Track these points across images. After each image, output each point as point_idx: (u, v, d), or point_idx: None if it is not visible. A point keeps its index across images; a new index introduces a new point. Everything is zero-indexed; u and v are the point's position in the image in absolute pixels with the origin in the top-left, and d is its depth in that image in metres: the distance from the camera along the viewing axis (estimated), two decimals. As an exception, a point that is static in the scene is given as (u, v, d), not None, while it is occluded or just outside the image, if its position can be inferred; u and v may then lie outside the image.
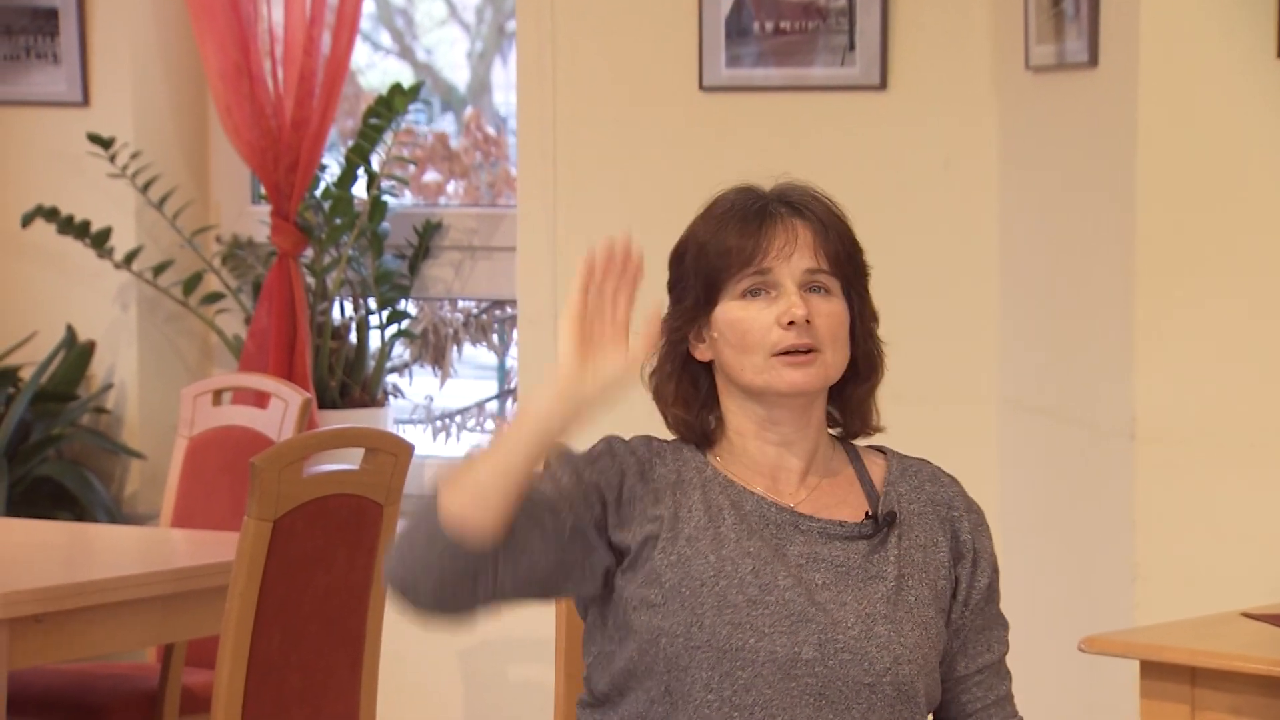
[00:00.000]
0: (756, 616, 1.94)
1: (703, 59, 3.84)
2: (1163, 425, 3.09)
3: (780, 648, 1.93)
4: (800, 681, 1.93)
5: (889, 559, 1.99)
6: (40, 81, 4.51)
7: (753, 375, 1.98)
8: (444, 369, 4.51)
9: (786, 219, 1.98)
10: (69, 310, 4.51)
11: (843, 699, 1.93)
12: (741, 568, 1.96)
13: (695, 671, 1.93)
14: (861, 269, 2.02)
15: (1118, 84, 3.15)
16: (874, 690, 1.94)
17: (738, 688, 1.93)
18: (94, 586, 3.09)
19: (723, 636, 1.93)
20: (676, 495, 1.99)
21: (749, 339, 1.97)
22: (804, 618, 1.94)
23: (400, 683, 4.13)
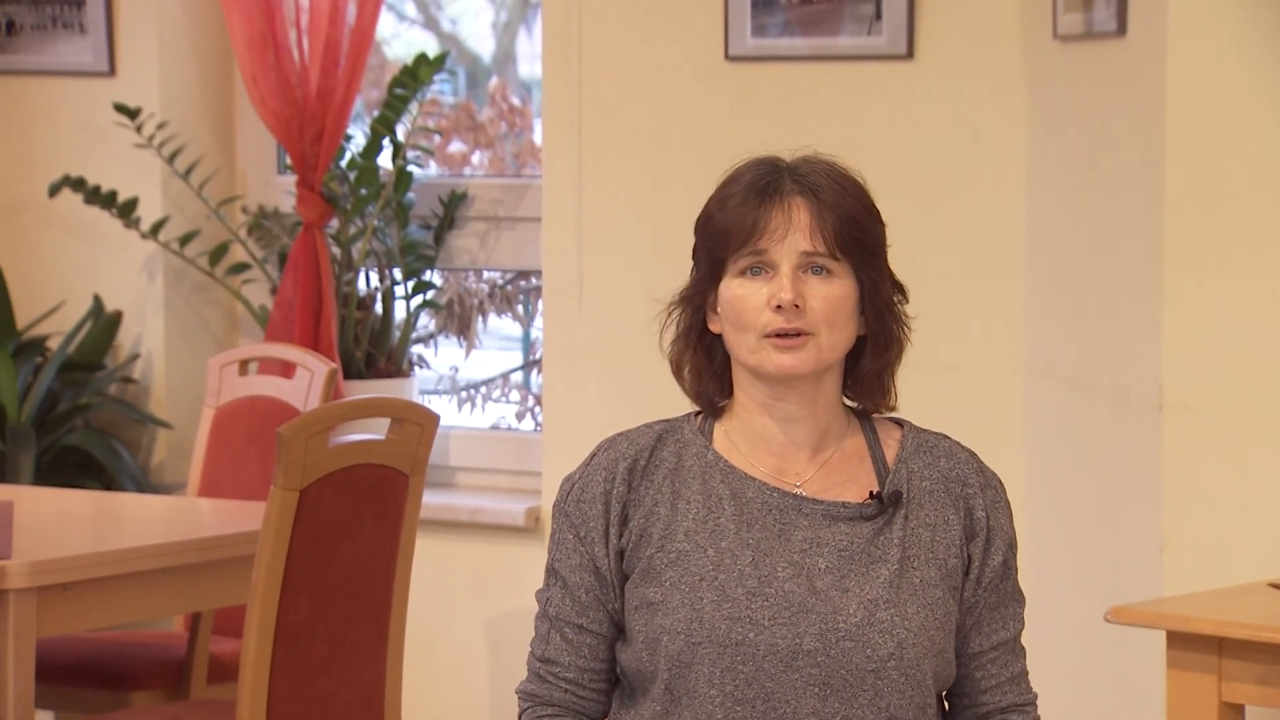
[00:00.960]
0: (756, 609, 1.94)
1: (728, 28, 3.83)
2: (1190, 394, 3.08)
3: (781, 640, 1.93)
4: (803, 672, 1.93)
5: (894, 540, 1.97)
6: (67, 51, 4.51)
7: (746, 354, 1.98)
8: (469, 339, 4.51)
9: (788, 198, 1.97)
10: (96, 280, 4.52)
11: (848, 686, 1.93)
12: (740, 560, 1.95)
13: (698, 668, 1.94)
14: (871, 247, 1.99)
15: (1146, 52, 3.13)
16: (879, 676, 1.93)
17: (740, 681, 1.93)
18: (121, 555, 3.10)
19: (722, 631, 1.93)
20: (675, 484, 2.00)
21: (744, 318, 1.97)
22: (804, 608, 1.94)
23: (426, 652, 4.14)
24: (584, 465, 2.03)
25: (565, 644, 2.01)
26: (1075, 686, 3.43)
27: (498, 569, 4.18)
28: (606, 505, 2.00)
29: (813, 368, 1.97)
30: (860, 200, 2.00)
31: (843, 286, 1.97)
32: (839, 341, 1.98)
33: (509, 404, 4.54)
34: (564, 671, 2.02)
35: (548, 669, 2.03)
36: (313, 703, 3.08)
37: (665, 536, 1.97)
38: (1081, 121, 3.41)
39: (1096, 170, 3.35)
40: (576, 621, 2.00)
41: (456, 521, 4.19)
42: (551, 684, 2.02)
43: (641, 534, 1.99)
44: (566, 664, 2.01)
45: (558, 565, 2.02)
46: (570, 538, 2.01)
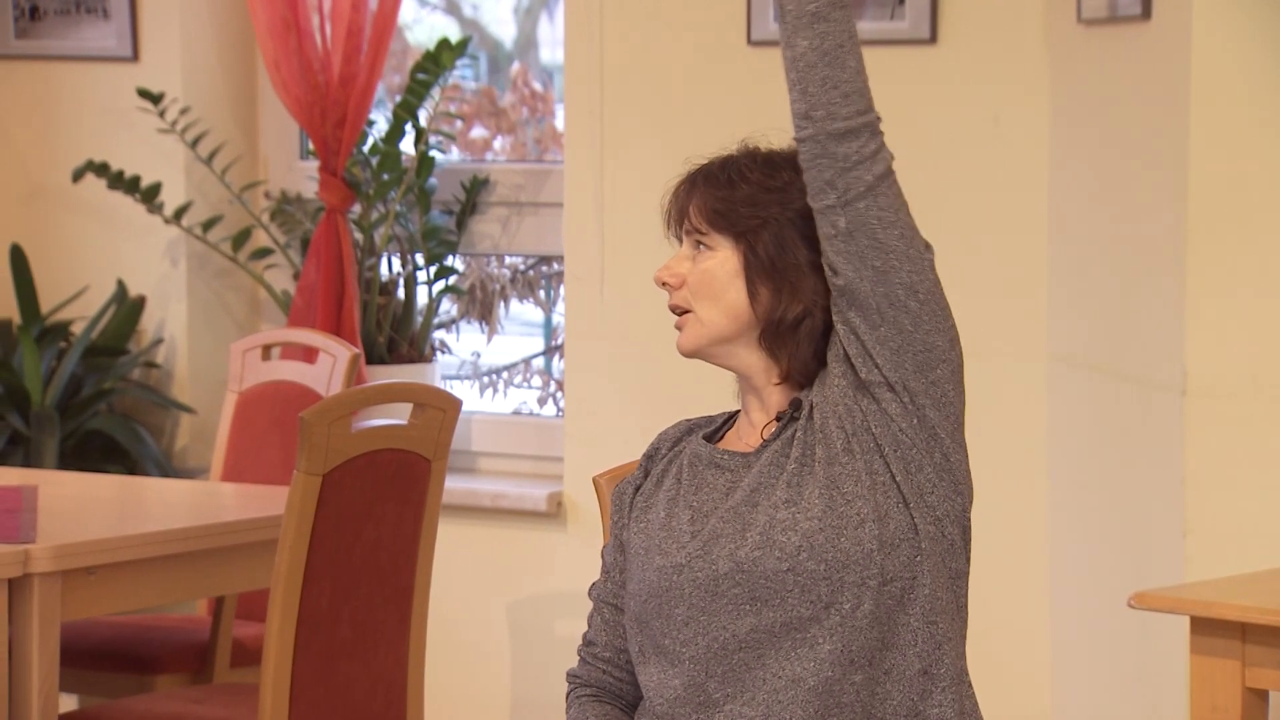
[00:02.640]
0: (680, 554, 1.99)
1: (751, 13, 3.82)
2: (1214, 380, 3.07)
3: (700, 572, 1.97)
4: (728, 595, 1.96)
5: (794, 447, 1.98)
6: (90, 36, 4.52)
7: None
8: (491, 325, 4.51)
9: (684, 183, 2.06)
10: (119, 265, 4.53)
11: (773, 593, 1.94)
12: (681, 519, 2.01)
13: (653, 622, 1.99)
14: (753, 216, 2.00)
15: (1170, 36, 3.12)
16: (796, 572, 1.93)
17: (679, 623, 1.97)
18: (145, 539, 3.11)
19: (653, 581, 1.99)
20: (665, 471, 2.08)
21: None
22: (715, 536, 1.98)
23: (448, 637, 4.15)
24: None
25: (604, 624, 2.08)
26: (1099, 672, 3.42)
27: (519, 554, 4.19)
28: (637, 490, 2.09)
29: (695, 343, 2.02)
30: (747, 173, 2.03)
31: (719, 259, 2.02)
32: (719, 315, 2.01)
33: (531, 389, 4.54)
34: (601, 651, 2.08)
35: (588, 650, 2.10)
36: (335, 687, 3.09)
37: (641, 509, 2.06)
38: (1105, 105, 3.39)
39: (1120, 155, 3.34)
40: (612, 602, 2.08)
41: (478, 507, 4.20)
42: (591, 665, 2.09)
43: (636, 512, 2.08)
44: (604, 644, 2.08)
45: (604, 549, 2.11)
46: (611, 522, 2.10)
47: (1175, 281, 3.10)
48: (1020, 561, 3.61)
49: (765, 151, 2.05)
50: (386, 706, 3.18)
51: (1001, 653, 3.59)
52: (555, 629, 4.18)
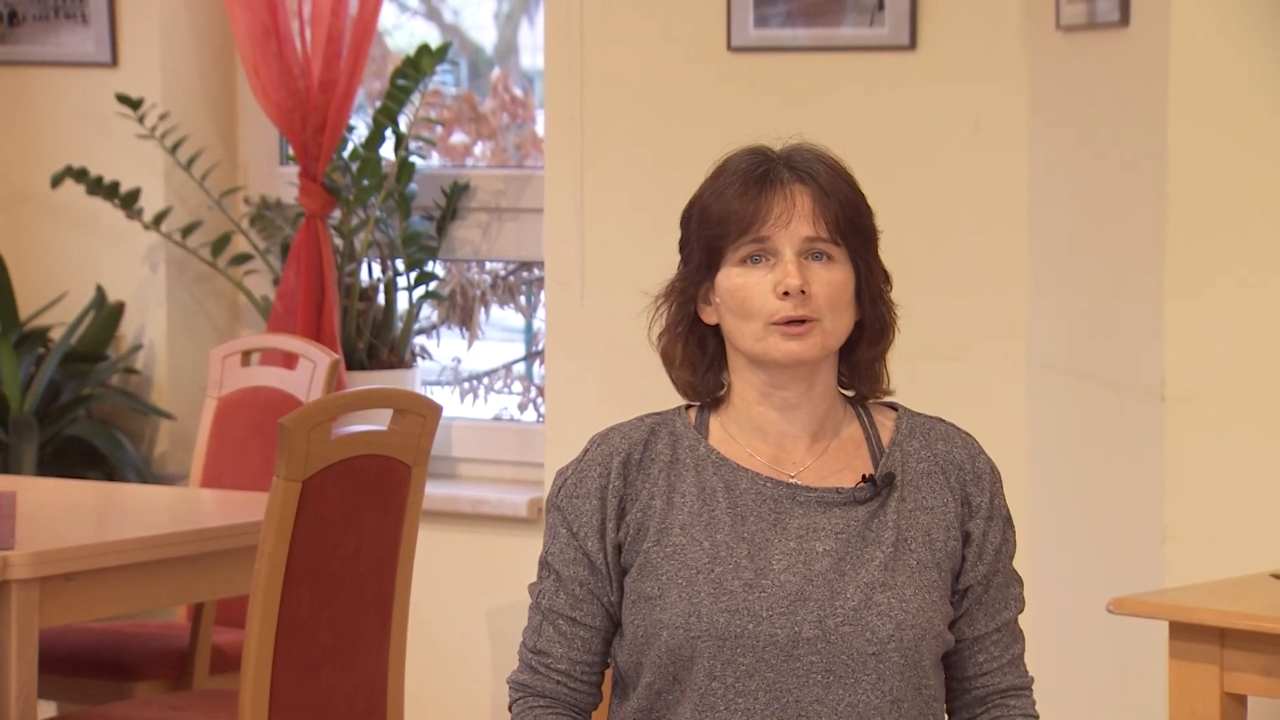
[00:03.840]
0: (753, 601, 1.93)
1: (731, 19, 3.83)
2: (1193, 386, 3.08)
3: (780, 630, 1.93)
4: (804, 660, 1.93)
5: (888, 523, 1.97)
6: (69, 42, 4.51)
7: (751, 343, 1.97)
8: (471, 330, 4.51)
9: (787, 184, 1.97)
10: (98, 271, 4.52)
11: (849, 671, 1.93)
12: (736, 553, 1.95)
13: (698, 661, 1.93)
14: (867, 233, 2.00)
15: (1149, 43, 3.13)
16: (880, 659, 1.93)
17: (740, 674, 1.93)
18: (124, 546, 3.10)
19: (721, 624, 1.93)
20: (670, 478, 1.99)
21: (748, 306, 1.96)
22: (801, 597, 1.94)
23: (429, 642, 4.14)
24: (577, 460, 2.03)
25: (558, 635, 2.01)
26: (1078, 677, 3.43)
27: (500, 560, 4.19)
28: (602, 500, 2.00)
29: (818, 354, 1.97)
30: (854, 186, 2.01)
31: (843, 272, 1.98)
32: (840, 327, 1.98)
33: (511, 395, 4.54)
34: (556, 663, 2.02)
35: (540, 660, 2.03)
36: (315, 693, 3.09)
37: (661, 530, 1.97)
38: (1084, 112, 3.40)
39: (1099, 161, 3.35)
40: (570, 615, 2.01)
41: (459, 513, 4.19)
42: (544, 675, 2.03)
43: (639, 527, 1.99)
44: (559, 655, 2.02)
45: (551, 559, 2.02)
46: (564, 532, 2.01)
47: (1154, 287, 3.11)
48: (1000, 567, 3.62)
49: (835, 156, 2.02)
50: (367, 713, 3.17)
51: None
52: (536, 635, 4.17)
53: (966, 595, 2.01)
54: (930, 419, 2.06)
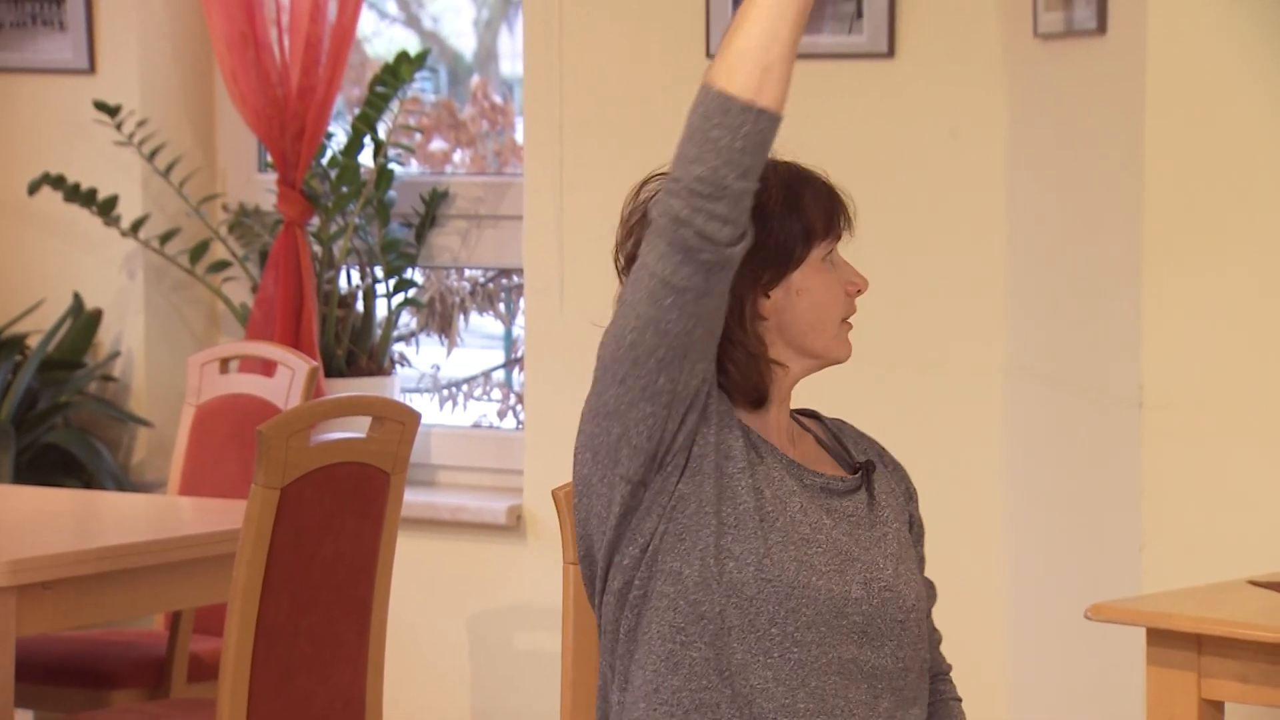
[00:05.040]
0: (813, 555, 1.96)
1: (710, 26, 3.83)
2: (1170, 393, 3.09)
3: (835, 586, 1.96)
4: (850, 619, 1.96)
5: (883, 505, 2.04)
6: (47, 49, 4.50)
7: (828, 340, 2.00)
8: (450, 338, 4.51)
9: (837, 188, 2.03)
10: (76, 278, 4.51)
11: (880, 635, 1.97)
12: (791, 505, 1.97)
13: (762, 604, 1.93)
14: None
15: (1126, 51, 3.14)
16: (904, 627, 1.98)
17: (801, 624, 1.94)
18: (102, 554, 3.09)
19: (790, 573, 1.94)
20: (722, 421, 1.97)
21: (832, 304, 1.99)
22: (850, 556, 1.98)
23: (408, 651, 4.14)
24: None
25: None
26: (1056, 683, 3.44)
27: (479, 567, 4.18)
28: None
29: None
30: None
31: None
32: None
33: (490, 402, 4.53)
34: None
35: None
36: (293, 701, 3.08)
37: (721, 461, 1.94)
38: (1061, 120, 3.41)
39: (1076, 168, 3.36)
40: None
41: (438, 520, 4.19)
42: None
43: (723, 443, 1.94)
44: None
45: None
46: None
47: (1131, 294, 3.12)
48: (978, 573, 3.62)
49: None
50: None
51: (959, 663, 3.59)
52: (515, 642, 4.17)
53: None
54: (839, 420, 2.12)
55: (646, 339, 1.89)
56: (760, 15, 1.88)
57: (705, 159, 1.86)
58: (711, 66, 1.89)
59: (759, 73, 1.87)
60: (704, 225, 1.86)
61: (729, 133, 1.86)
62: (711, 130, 1.86)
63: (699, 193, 1.86)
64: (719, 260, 1.87)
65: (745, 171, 1.85)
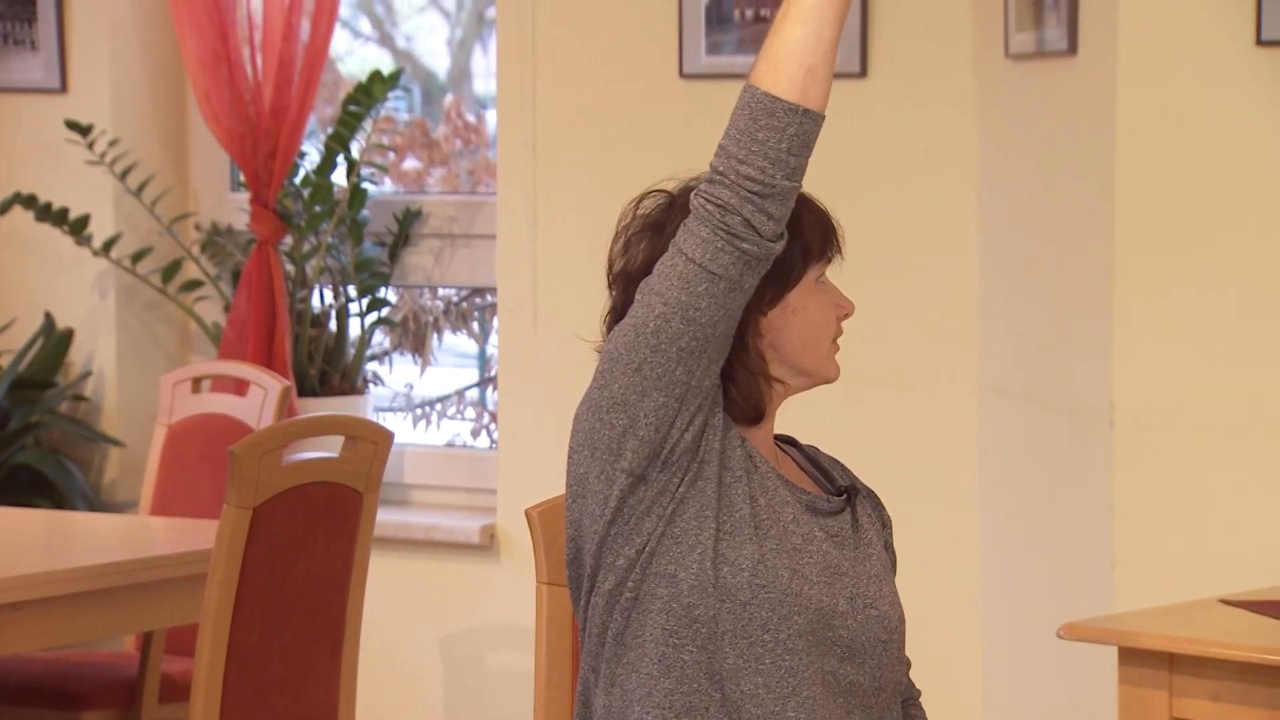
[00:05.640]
0: (805, 564, 1.96)
1: (683, 46, 3.84)
2: (1141, 412, 3.10)
3: (825, 598, 1.96)
4: (835, 633, 1.96)
5: (865, 530, 2.05)
6: (18, 68, 4.49)
7: (820, 360, 2.01)
8: (424, 357, 4.50)
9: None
10: (47, 298, 4.50)
11: (862, 653, 1.97)
12: (784, 516, 1.98)
13: (755, 610, 1.93)
14: None
15: (1097, 72, 3.16)
16: (886, 647, 1.99)
17: (793, 632, 1.94)
18: (73, 574, 3.08)
19: (784, 580, 1.94)
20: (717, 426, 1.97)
21: (824, 326, 2.00)
22: (839, 570, 1.98)
23: (380, 670, 4.13)
24: None
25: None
26: (1028, 702, 3.44)
27: (453, 587, 4.17)
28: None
29: None
30: None
31: None
32: None
33: (464, 421, 4.53)
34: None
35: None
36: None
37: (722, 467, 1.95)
38: (1033, 140, 3.43)
39: (1048, 188, 3.37)
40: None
41: (411, 539, 4.18)
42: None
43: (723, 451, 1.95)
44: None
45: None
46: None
47: (1102, 313, 3.13)
48: (951, 591, 3.63)
49: None
50: (317, 742, 3.16)
51: (933, 682, 3.60)
52: (488, 662, 4.16)
53: None
54: (814, 448, 2.13)
55: (673, 325, 1.90)
56: (803, 17, 1.90)
57: (753, 160, 1.89)
58: (755, 68, 1.91)
59: (803, 74, 1.89)
60: (752, 215, 1.88)
61: (776, 134, 1.88)
62: (759, 132, 1.89)
63: (748, 190, 1.89)
64: (760, 253, 1.89)
65: (792, 171, 1.89)
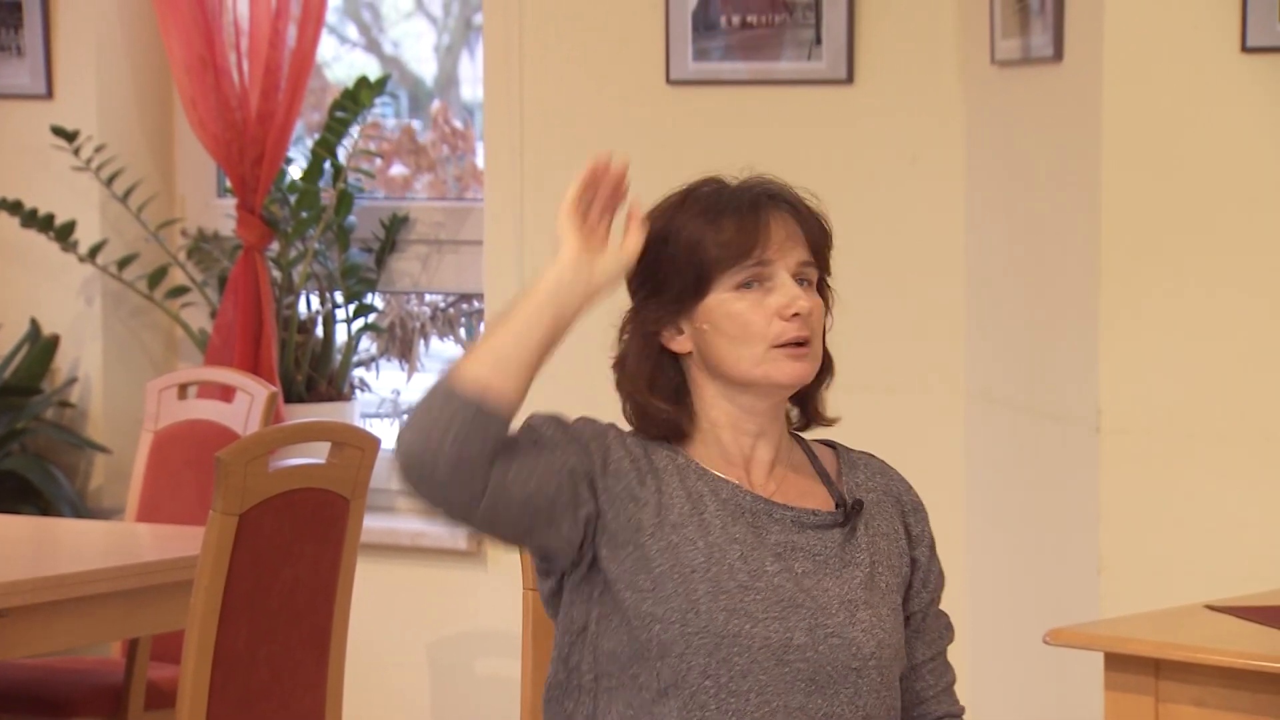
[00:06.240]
0: (749, 602, 1.94)
1: (669, 53, 3.84)
2: (1127, 417, 3.10)
3: (774, 633, 1.94)
4: (793, 666, 1.94)
5: (861, 546, 2.01)
6: (4, 74, 4.48)
7: (750, 367, 1.97)
8: (411, 363, 4.50)
9: (781, 212, 2.00)
10: (33, 304, 4.49)
11: (832, 683, 1.95)
12: (729, 554, 1.96)
13: (692, 658, 1.93)
14: (828, 264, 2.04)
15: (1082, 78, 3.16)
16: (860, 675, 1.96)
17: (735, 674, 1.93)
18: (59, 581, 3.08)
19: (719, 623, 1.93)
20: (658, 480, 1.98)
21: (750, 330, 1.97)
22: (794, 603, 1.95)
23: (367, 677, 4.12)
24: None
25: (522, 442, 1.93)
26: (1015, 708, 3.45)
27: (439, 593, 4.17)
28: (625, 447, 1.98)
29: (813, 375, 2.01)
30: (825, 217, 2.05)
31: (818, 299, 2.02)
32: (820, 352, 2.02)
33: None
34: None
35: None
36: (252, 729, 3.07)
37: (656, 524, 1.96)
38: (1019, 146, 3.44)
39: (1034, 194, 3.38)
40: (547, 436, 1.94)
41: (398, 546, 4.18)
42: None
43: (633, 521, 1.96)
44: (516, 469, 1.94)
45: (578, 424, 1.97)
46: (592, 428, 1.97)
47: (1088, 320, 3.14)
48: (938, 598, 3.63)
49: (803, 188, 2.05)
50: (304, 748, 3.15)
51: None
52: (476, 668, 4.16)
53: (909, 622, 2.05)
54: (863, 454, 2.10)
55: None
56: (519, 316, 1.93)
57: (419, 436, 1.87)
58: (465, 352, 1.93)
59: (495, 372, 1.90)
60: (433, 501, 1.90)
61: (445, 418, 1.88)
62: (431, 410, 1.88)
63: (407, 470, 1.89)
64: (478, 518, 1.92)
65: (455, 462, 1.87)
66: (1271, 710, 2.48)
